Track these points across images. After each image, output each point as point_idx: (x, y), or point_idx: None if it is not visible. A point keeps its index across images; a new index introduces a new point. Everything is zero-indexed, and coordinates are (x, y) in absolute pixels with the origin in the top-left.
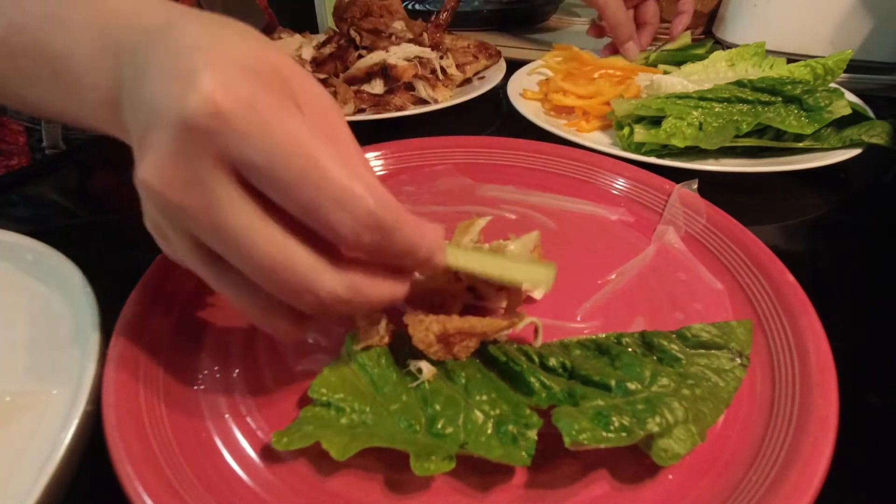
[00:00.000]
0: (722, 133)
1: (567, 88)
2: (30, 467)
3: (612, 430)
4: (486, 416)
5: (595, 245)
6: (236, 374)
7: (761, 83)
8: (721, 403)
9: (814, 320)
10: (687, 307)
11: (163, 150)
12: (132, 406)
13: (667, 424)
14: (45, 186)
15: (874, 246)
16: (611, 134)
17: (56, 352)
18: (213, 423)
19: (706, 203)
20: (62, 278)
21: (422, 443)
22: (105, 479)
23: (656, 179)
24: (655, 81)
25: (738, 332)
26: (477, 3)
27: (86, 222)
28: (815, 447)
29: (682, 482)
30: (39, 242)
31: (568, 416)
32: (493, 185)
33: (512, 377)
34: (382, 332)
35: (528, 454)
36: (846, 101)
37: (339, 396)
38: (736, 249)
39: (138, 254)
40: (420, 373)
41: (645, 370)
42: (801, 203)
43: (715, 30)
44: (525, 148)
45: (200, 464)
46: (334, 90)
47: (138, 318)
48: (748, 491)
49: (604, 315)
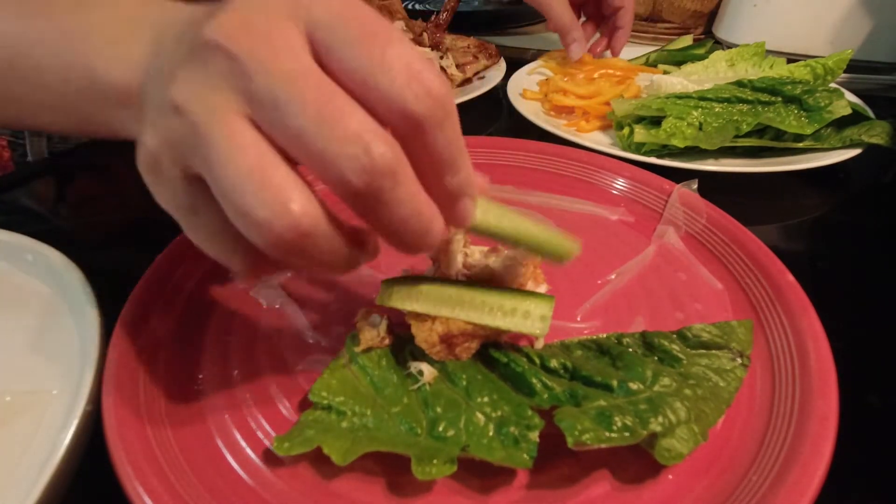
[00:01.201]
0: (722, 133)
1: (567, 88)
2: (30, 467)
3: (615, 429)
4: (488, 418)
5: (595, 245)
6: (236, 374)
7: (761, 83)
8: (722, 403)
9: (814, 320)
10: (687, 307)
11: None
12: (132, 406)
13: (669, 424)
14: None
15: (874, 246)
16: (611, 134)
17: (56, 352)
18: (213, 423)
19: (706, 203)
20: (62, 278)
21: (423, 446)
22: (105, 479)
23: (656, 179)
24: (655, 81)
25: (738, 333)
26: (477, 3)
27: (86, 222)
28: (815, 447)
29: (682, 482)
30: (39, 242)
31: (570, 416)
32: (492, 185)
33: (513, 378)
34: (383, 333)
35: (530, 456)
36: (846, 101)
37: (339, 400)
38: (736, 249)
39: (138, 254)
40: (421, 375)
41: (646, 370)
42: (801, 203)
43: (715, 30)
44: (525, 148)
45: (200, 464)
46: None
47: (138, 318)
48: (748, 491)
49: (604, 315)
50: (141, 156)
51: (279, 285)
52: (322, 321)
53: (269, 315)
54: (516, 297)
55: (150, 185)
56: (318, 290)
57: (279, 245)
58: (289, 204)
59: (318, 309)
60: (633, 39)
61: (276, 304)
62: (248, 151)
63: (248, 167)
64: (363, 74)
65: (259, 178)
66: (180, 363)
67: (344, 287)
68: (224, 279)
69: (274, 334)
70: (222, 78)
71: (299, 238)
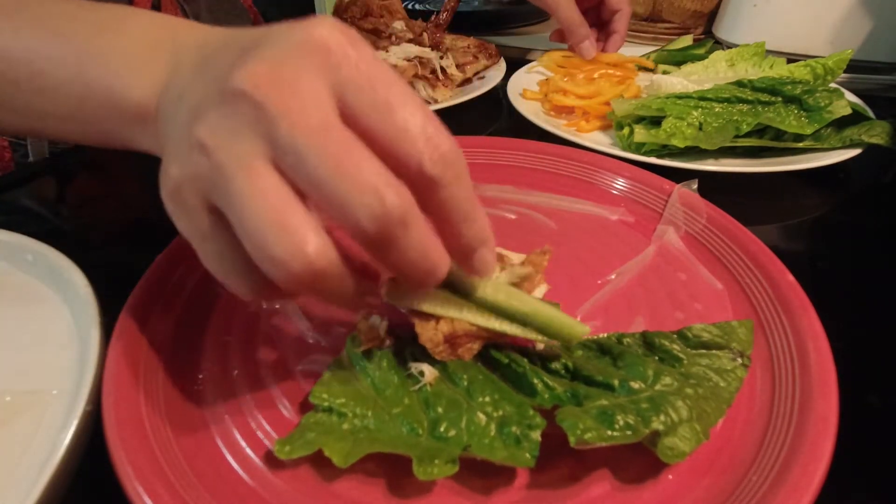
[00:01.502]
0: (722, 133)
1: (567, 88)
2: (30, 467)
3: (618, 428)
4: (489, 418)
5: (595, 245)
6: (236, 374)
7: (761, 83)
8: (723, 403)
9: (814, 320)
10: (687, 307)
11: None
12: (132, 406)
13: (671, 423)
14: (45, 187)
15: (874, 246)
16: (611, 134)
17: (56, 352)
18: (214, 424)
19: (706, 203)
20: (62, 278)
21: (424, 446)
22: (105, 479)
23: (656, 179)
24: (655, 81)
25: (739, 332)
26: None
27: (86, 222)
28: (815, 447)
29: (682, 482)
30: (39, 242)
31: (572, 415)
32: (492, 185)
33: (514, 379)
34: (383, 334)
35: (532, 455)
36: (846, 101)
37: (340, 401)
38: (736, 249)
39: (138, 254)
40: (422, 376)
41: (648, 370)
42: (801, 203)
43: (715, 30)
44: (525, 148)
45: (200, 464)
46: None
47: (138, 318)
48: (748, 491)
49: (604, 315)
50: (165, 185)
51: None
52: (322, 322)
53: (269, 315)
54: None
55: (172, 213)
56: None
57: (293, 282)
58: (305, 246)
59: (318, 309)
60: (633, 39)
61: (276, 305)
62: (269, 195)
63: (268, 210)
64: (387, 139)
65: (278, 221)
66: (180, 363)
67: None
68: None
69: (274, 334)
70: (248, 124)
71: (313, 276)
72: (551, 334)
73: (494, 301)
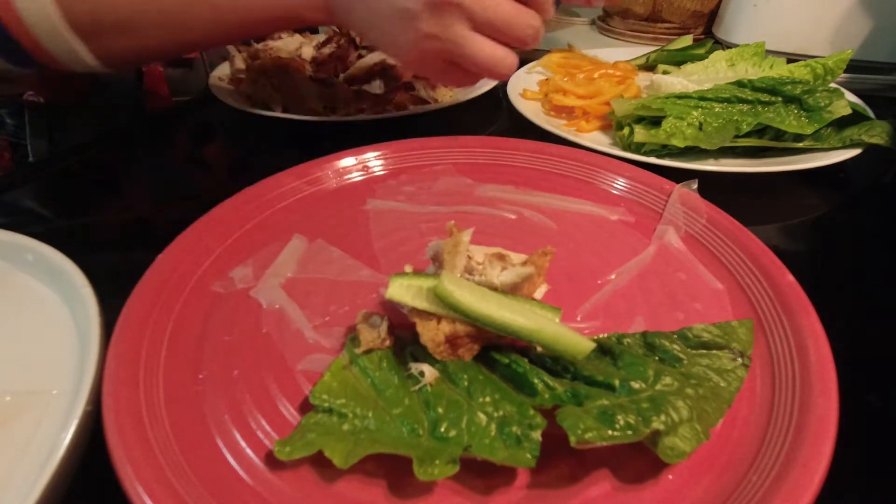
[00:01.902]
0: (722, 133)
1: (567, 88)
2: (30, 467)
3: (618, 427)
4: (490, 418)
5: (595, 245)
6: (236, 374)
7: (761, 83)
8: (723, 403)
9: (814, 320)
10: (687, 307)
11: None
12: (132, 406)
13: (672, 423)
14: (46, 187)
15: (874, 246)
16: (611, 134)
17: (56, 352)
18: (214, 424)
19: (706, 203)
20: (62, 278)
21: (425, 447)
22: (105, 479)
23: (656, 179)
24: (655, 81)
25: (739, 333)
26: None
27: (86, 222)
28: (815, 447)
29: (682, 482)
30: (39, 242)
31: (573, 415)
32: (492, 185)
33: (515, 379)
34: (383, 334)
35: (533, 455)
36: (846, 101)
37: (340, 402)
38: (736, 249)
39: (138, 254)
40: (422, 376)
41: (648, 370)
42: (801, 203)
43: (715, 30)
44: (525, 148)
45: (200, 464)
46: (334, 90)
47: (138, 318)
48: (748, 491)
49: (604, 315)
50: (409, 61)
51: (279, 285)
52: (322, 322)
53: (269, 315)
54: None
55: (418, 69)
56: (319, 291)
57: (506, 73)
58: (507, 59)
59: (318, 309)
60: (633, 39)
61: (276, 305)
62: (485, 45)
63: (488, 51)
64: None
65: (495, 54)
66: (180, 363)
67: (344, 288)
68: (224, 279)
69: (274, 334)
70: (457, 16)
71: (514, 66)
72: (557, 351)
73: (500, 319)
